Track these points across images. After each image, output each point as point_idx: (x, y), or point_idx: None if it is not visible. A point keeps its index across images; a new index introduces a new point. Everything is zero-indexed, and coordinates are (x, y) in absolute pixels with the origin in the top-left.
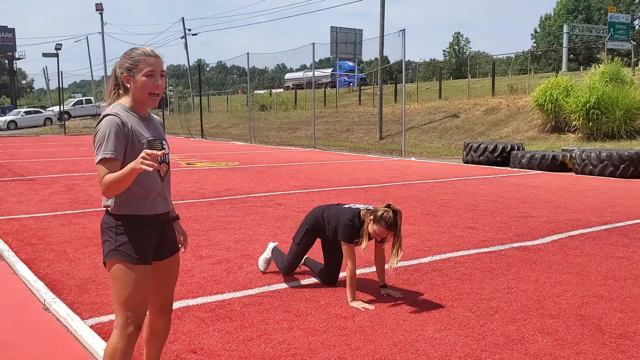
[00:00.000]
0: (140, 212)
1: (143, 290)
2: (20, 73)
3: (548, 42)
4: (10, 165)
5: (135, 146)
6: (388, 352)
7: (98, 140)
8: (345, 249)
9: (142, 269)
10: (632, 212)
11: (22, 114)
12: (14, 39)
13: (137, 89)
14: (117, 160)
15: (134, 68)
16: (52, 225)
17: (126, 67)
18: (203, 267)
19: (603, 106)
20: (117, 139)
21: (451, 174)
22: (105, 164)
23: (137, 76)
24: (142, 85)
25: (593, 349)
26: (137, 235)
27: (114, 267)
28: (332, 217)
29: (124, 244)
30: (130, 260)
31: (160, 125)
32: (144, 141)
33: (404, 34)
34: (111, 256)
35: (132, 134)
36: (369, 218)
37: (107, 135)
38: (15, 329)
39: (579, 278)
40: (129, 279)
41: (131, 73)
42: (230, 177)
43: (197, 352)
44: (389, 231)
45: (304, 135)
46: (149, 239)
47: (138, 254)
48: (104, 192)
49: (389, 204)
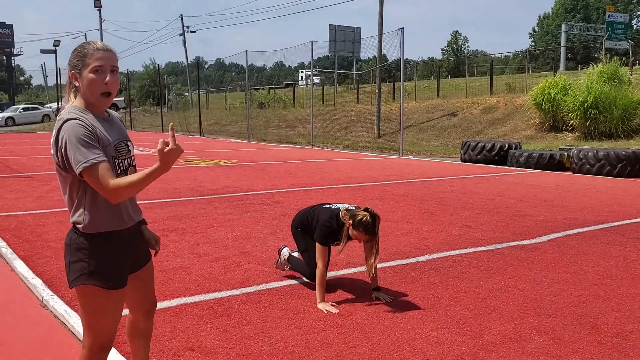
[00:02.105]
0: (114, 227)
1: (117, 314)
2: (18, 69)
3: (546, 41)
4: (8, 162)
5: (104, 150)
6: (385, 350)
7: (70, 152)
8: (319, 248)
9: (119, 293)
10: (629, 212)
11: (20, 111)
12: (12, 35)
13: (85, 87)
14: (106, 162)
15: (80, 64)
16: (50, 222)
17: (72, 64)
18: (201, 265)
19: (601, 105)
20: (92, 142)
21: (449, 173)
22: (100, 169)
23: (84, 72)
24: (89, 83)
25: (590, 348)
26: (112, 256)
27: (87, 293)
28: (315, 216)
29: (98, 268)
30: (106, 285)
31: (121, 122)
32: (110, 146)
33: (403, 33)
34: (83, 281)
35: (99, 138)
36: (349, 222)
37: (79, 141)
38: (13, 326)
39: (575, 277)
40: (104, 305)
41: (77, 69)
42: (228, 175)
43: (195, 350)
44: (367, 236)
45: (302, 133)
46: (124, 258)
47: (115, 278)
48: (114, 196)
49: (367, 208)
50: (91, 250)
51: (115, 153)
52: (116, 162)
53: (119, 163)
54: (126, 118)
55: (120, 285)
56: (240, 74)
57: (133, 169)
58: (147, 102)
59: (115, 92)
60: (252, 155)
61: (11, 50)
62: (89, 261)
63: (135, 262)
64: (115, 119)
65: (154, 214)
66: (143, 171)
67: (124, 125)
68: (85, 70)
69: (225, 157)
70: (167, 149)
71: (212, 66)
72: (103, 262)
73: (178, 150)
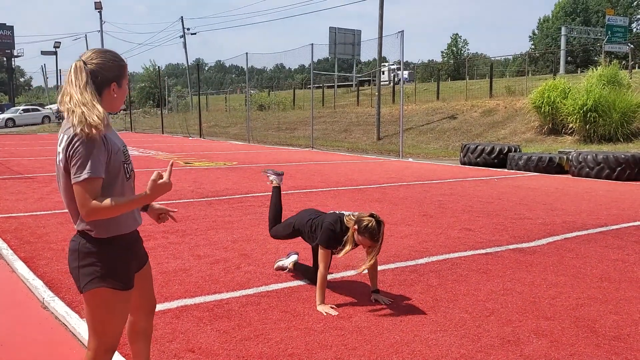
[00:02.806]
0: (125, 230)
1: (125, 315)
2: (19, 71)
3: (546, 44)
4: (8, 163)
5: (111, 159)
6: (385, 352)
7: (81, 156)
8: (321, 252)
9: (128, 294)
10: (628, 215)
11: (20, 112)
12: (13, 36)
13: (120, 99)
14: (100, 180)
15: (121, 76)
16: (50, 224)
17: (115, 74)
18: (201, 267)
19: (600, 109)
20: (102, 154)
21: (448, 175)
22: (90, 184)
23: (123, 85)
24: (121, 96)
25: (587, 351)
26: (123, 258)
27: (100, 296)
28: (319, 221)
29: (110, 270)
30: (119, 287)
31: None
32: (119, 153)
33: (403, 36)
34: (96, 284)
35: (110, 145)
36: (354, 228)
37: (91, 150)
38: (14, 328)
39: (574, 280)
40: (117, 307)
41: (119, 81)
42: (228, 177)
43: (195, 352)
44: (372, 242)
45: (302, 136)
46: (132, 260)
47: (127, 279)
48: (89, 215)
49: (372, 214)
50: (102, 254)
51: (124, 158)
52: (124, 166)
53: (126, 167)
54: (126, 120)
55: (130, 286)
56: (240, 76)
57: (134, 173)
58: (147, 103)
59: None
60: (252, 157)
61: (11, 51)
62: (101, 265)
63: (138, 262)
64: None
65: None
66: (129, 197)
67: None
68: (123, 82)
69: (226, 159)
70: (160, 181)
71: (212, 68)
72: (114, 265)
73: (168, 186)
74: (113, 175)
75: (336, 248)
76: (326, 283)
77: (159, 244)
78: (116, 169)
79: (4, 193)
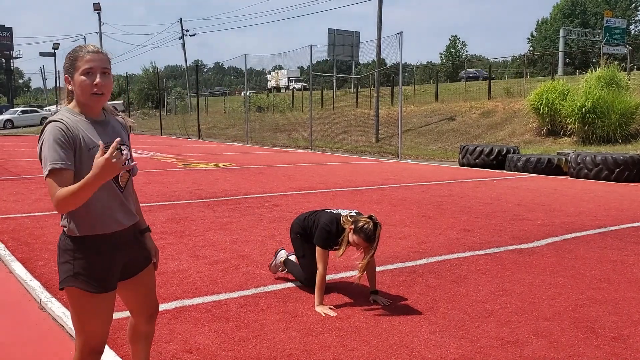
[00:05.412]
0: (100, 231)
1: (105, 317)
2: (17, 72)
3: (544, 46)
4: (6, 165)
5: (83, 155)
6: (383, 353)
7: (43, 152)
8: (319, 252)
9: (105, 297)
10: (627, 216)
11: (19, 113)
12: (11, 37)
13: (77, 90)
14: (68, 170)
15: (72, 67)
16: (48, 225)
17: (65, 67)
18: (199, 268)
19: (599, 110)
20: (63, 146)
21: (447, 177)
22: (56, 176)
23: (75, 75)
24: (80, 85)
25: (587, 352)
26: (98, 259)
27: (73, 295)
28: (315, 221)
29: (83, 270)
30: (90, 289)
31: (121, 127)
32: (95, 148)
33: (401, 37)
34: (69, 283)
35: (80, 141)
36: (350, 227)
37: (50, 144)
38: (11, 328)
39: (573, 281)
40: (89, 307)
41: (70, 73)
42: (227, 178)
43: (193, 352)
44: (367, 243)
45: (300, 137)
46: (112, 262)
47: (100, 282)
48: (57, 207)
49: (370, 216)
50: (76, 252)
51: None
52: None
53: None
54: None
55: (105, 289)
56: (239, 78)
57: (126, 174)
58: (146, 105)
59: (107, 93)
60: (251, 158)
61: (10, 53)
62: (74, 263)
63: (131, 266)
64: (112, 123)
65: (152, 216)
66: (80, 181)
67: (127, 131)
68: (77, 73)
69: (224, 160)
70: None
71: (211, 69)
72: (87, 265)
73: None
74: (87, 172)
75: (333, 248)
76: (325, 284)
77: (157, 244)
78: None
79: (1, 194)
